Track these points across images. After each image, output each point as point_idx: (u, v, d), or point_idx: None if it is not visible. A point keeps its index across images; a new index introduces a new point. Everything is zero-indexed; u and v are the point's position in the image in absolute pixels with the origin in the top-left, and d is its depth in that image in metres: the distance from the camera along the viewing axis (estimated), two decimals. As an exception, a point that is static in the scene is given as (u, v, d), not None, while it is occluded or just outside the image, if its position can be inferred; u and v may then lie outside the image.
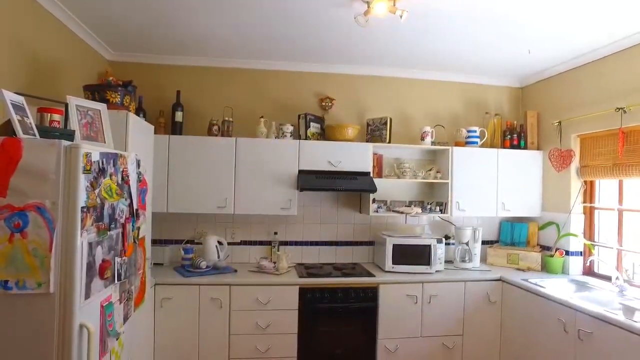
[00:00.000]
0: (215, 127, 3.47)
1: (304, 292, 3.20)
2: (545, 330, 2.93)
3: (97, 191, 1.65)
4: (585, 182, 3.53)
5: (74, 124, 1.83)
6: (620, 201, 3.26)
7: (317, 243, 3.82)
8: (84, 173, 1.56)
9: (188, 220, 3.66)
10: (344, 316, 3.24)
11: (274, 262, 3.42)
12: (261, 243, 3.76)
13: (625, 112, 3.00)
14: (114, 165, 1.81)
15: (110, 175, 1.78)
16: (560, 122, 3.60)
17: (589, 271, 3.50)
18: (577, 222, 3.53)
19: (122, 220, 1.94)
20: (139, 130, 2.61)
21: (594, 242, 3.48)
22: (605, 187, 3.44)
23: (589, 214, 3.53)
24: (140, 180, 2.27)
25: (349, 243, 3.87)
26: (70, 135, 1.77)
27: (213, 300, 3.10)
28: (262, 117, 3.58)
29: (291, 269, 3.51)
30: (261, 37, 3.17)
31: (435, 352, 3.35)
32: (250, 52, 3.53)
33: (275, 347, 3.16)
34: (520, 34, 2.99)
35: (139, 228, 2.24)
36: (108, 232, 1.77)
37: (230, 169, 3.39)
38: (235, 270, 3.38)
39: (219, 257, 3.45)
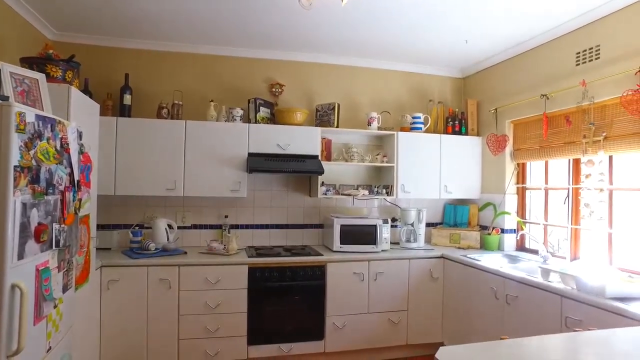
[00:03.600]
0: (165, 110, 3.48)
1: (253, 271, 3.26)
2: (480, 299, 3.14)
3: (32, 152, 1.66)
4: (517, 164, 3.80)
5: (8, 90, 1.82)
6: (546, 180, 3.54)
7: (267, 226, 3.90)
8: (17, 132, 1.57)
9: (137, 204, 3.64)
10: (293, 294, 3.33)
11: (224, 245, 3.47)
12: (212, 227, 3.79)
13: (548, 98, 3.27)
14: (52, 130, 1.82)
15: (48, 140, 1.78)
16: (496, 110, 3.86)
17: (521, 246, 3.77)
18: (511, 202, 3.79)
19: (61, 188, 1.94)
20: (83, 107, 2.60)
21: (525, 219, 3.76)
22: (535, 168, 3.72)
23: (521, 193, 3.81)
24: (83, 152, 2.27)
25: (299, 226, 3.97)
26: (3, 100, 1.76)
27: (162, 281, 3.11)
28: (212, 101, 3.63)
29: (241, 250, 3.57)
30: (208, 22, 3.22)
31: (381, 327, 3.50)
32: (200, 37, 3.56)
33: (225, 327, 3.21)
34: (458, 24, 3.19)
35: (80, 200, 2.24)
36: (45, 196, 1.77)
37: (180, 151, 3.41)
38: (185, 252, 3.40)
39: (168, 239, 3.45)
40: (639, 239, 2.71)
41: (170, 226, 3.51)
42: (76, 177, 2.15)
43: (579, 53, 3.06)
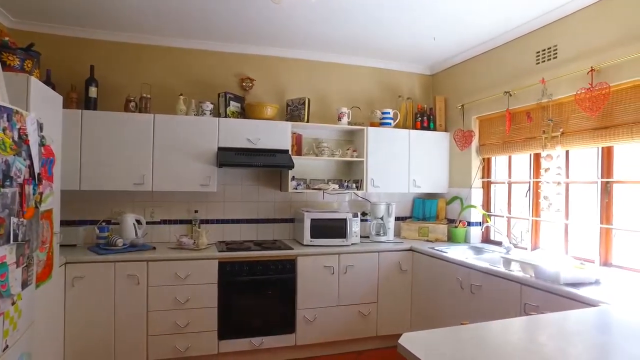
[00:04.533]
0: (133, 104, 3.41)
1: (223, 266, 3.25)
2: (446, 289, 3.24)
3: (-14, 143, 1.61)
4: (483, 159, 3.92)
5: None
6: (510, 175, 3.67)
7: (238, 221, 3.89)
8: (-30, 122, 1.52)
9: (104, 200, 3.57)
10: (264, 288, 3.34)
11: (194, 240, 3.44)
12: (182, 222, 3.75)
13: (511, 95, 3.39)
14: (8, 120, 1.77)
15: (4, 130, 1.73)
16: (463, 106, 3.97)
17: (486, 238, 3.90)
18: (476, 196, 3.91)
19: (20, 181, 1.89)
20: (45, 98, 2.53)
21: (490, 212, 3.88)
22: (500, 162, 3.85)
23: (486, 187, 3.93)
24: (44, 144, 2.21)
25: (270, 220, 3.98)
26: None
27: (130, 277, 3.06)
28: (181, 94, 3.58)
29: (211, 245, 3.55)
30: (177, 14, 3.18)
31: (352, 320, 3.56)
32: (169, 30, 3.51)
33: (195, 322, 3.19)
34: (426, 22, 3.25)
35: (41, 194, 2.18)
36: (1, 189, 1.72)
37: (148, 145, 3.36)
38: (154, 248, 3.36)
39: (137, 235, 3.40)
40: (590, 230, 2.86)
41: (138, 222, 3.45)
42: (36, 170, 2.09)
43: (538, 52, 3.19)
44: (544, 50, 3.13)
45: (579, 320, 1.71)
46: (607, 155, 2.82)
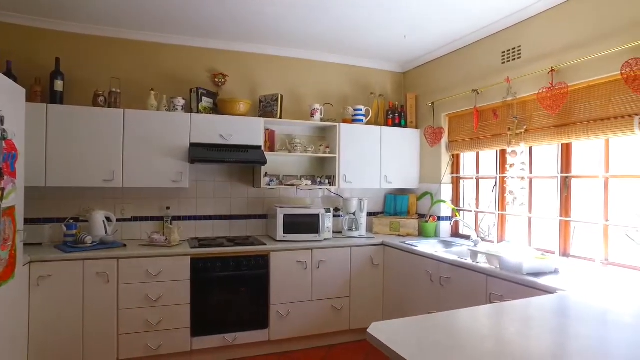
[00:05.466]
0: (102, 99, 3.34)
1: (196, 262, 3.24)
2: (417, 282, 3.32)
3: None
4: (452, 155, 4.03)
5: None
6: (477, 170, 3.80)
7: (211, 217, 3.87)
8: None
9: (72, 196, 3.48)
10: (237, 284, 3.35)
11: (166, 236, 3.41)
12: (153, 219, 3.70)
13: (478, 93, 3.50)
14: (-32, 115, 1.72)
15: (-36, 124, 1.68)
16: (433, 103, 4.07)
17: (455, 232, 4.01)
18: (446, 191, 4.02)
19: (-19, 177, 1.83)
20: (5, 91, 2.44)
21: (459, 207, 4.00)
22: (468, 159, 3.97)
23: (456, 183, 4.05)
24: (5, 138, 2.15)
25: (243, 217, 3.97)
26: None
27: (99, 275, 3.01)
28: (152, 89, 3.53)
29: (184, 242, 3.52)
30: (147, 8, 3.12)
31: (325, 314, 3.60)
32: (139, 23, 3.45)
33: (168, 319, 3.16)
34: (397, 20, 3.32)
35: (3, 190, 2.12)
36: (-38, 185, 1.67)
37: (118, 141, 3.30)
38: (125, 245, 3.31)
39: (106, 232, 3.33)
40: (551, 222, 2.99)
41: (108, 219, 3.39)
42: (-1, 165, 2.03)
43: (504, 52, 3.30)
44: (509, 50, 3.25)
45: (537, 306, 1.80)
46: (566, 152, 2.96)
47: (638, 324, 1.61)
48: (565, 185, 2.95)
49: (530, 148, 3.20)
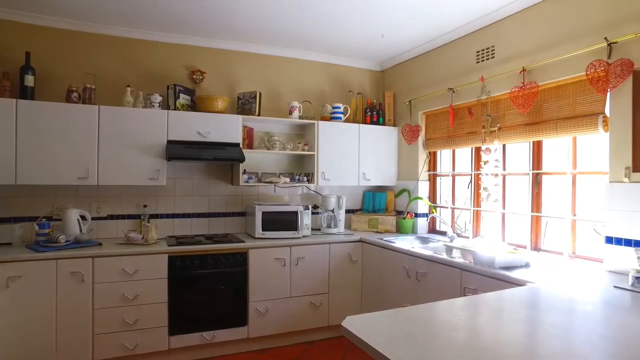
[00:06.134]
0: (75, 94, 3.27)
1: (173, 260, 3.21)
2: (394, 277, 3.37)
3: None
4: (429, 153, 4.10)
5: None
6: (454, 168, 3.87)
7: (189, 215, 3.84)
8: None
9: (45, 195, 3.40)
10: (215, 282, 3.33)
11: (143, 234, 3.37)
12: (130, 217, 3.65)
13: (454, 92, 3.57)
14: None
15: None
16: (410, 102, 4.13)
17: (432, 229, 4.09)
18: (423, 188, 4.09)
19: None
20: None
21: (436, 204, 4.08)
22: (444, 156, 4.05)
23: (432, 180, 4.12)
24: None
25: (221, 214, 3.96)
26: None
27: (73, 274, 2.95)
28: (128, 86, 3.47)
29: (161, 240, 3.49)
30: (123, 1, 3.07)
31: (304, 311, 3.62)
32: (115, 19, 3.39)
33: (145, 318, 3.13)
34: (375, 18, 3.35)
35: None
36: None
37: (93, 138, 3.24)
38: (100, 244, 3.26)
39: (81, 231, 3.27)
40: (523, 218, 3.09)
41: (83, 217, 3.33)
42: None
43: (478, 52, 3.38)
44: (483, 50, 3.33)
45: (508, 298, 1.86)
46: (537, 149, 3.05)
47: (598, 311, 1.69)
48: (536, 182, 3.04)
49: (504, 145, 3.28)
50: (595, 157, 2.67)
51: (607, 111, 2.46)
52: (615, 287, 2.03)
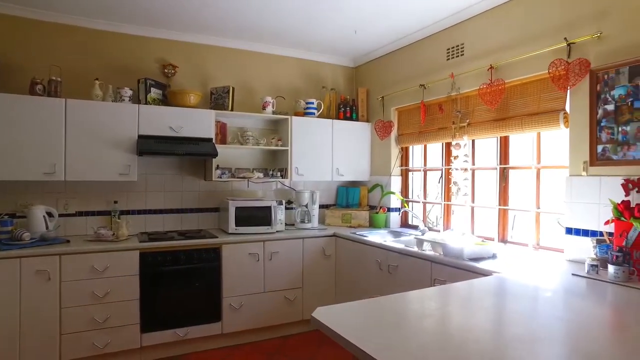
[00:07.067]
0: (40, 87, 3.17)
1: (145, 256, 3.17)
2: (367, 271, 3.42)
3: None
4: (401, 148, 4.17)
5: None
6: (425, 163, 3.96)
7: (161, 211, 3.78)
8: None
9: (8, 191, 3.28)
10: (188, 278, 3.31)
11: (114, 231, 3.30)
12: (100, 213, 3.57)
13: (425, 88, 3.64)
14: None
15: None
16: (383, 98, 4.18)
17: (405, 223, 4.17)
18: (395, 183, 4.16)
19: None
20: None
21: (408, 198, 4.16)
22: (416, 151, 4.13)
23: (405, 175, 4.20)
24: None
25: (194, 210, 3.92)
26: None
27: (39, 273, 2.86)
28: (97, 79, 3.39)
29: (132, 236, 3.43)
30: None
31: (278, 305, 3.64)
32: (83, 9, 3.30)
33: (116, 316, 3.07)
34: (348, 15, 3.38)
35: None
36: None
37: (60, 132, 3.15)
38: (68, 241, 3.17)
39: (47, 228, 3.18)
40: (491, 211, 3.19)
41: (49, 214, 3.24)
42: None
43: (449, 49, 3.45)
44: (453, 47, 3.41)
45: (475, 287, 1.93)
46: (504, 144, 3.16)
47: (556, 297, 1.78)
48: (504, 176, 3.14)
49: (473, 141, 3.38)
50: (558, 152, 2.78)
51: (567, 108, 2.57)
52: (573, 274, 2.13)
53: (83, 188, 3.52)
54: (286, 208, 4.05)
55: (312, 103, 4.11)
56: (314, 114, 4.11)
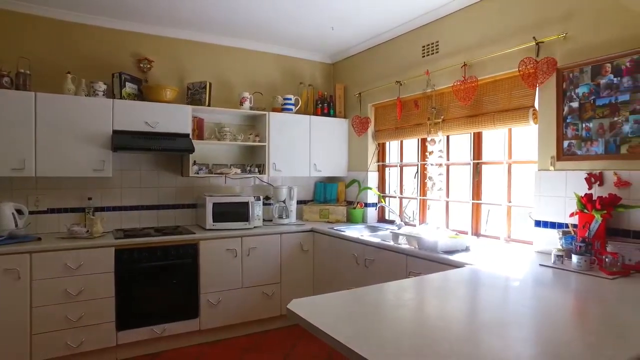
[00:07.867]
0: (7, 79, 3.07)
1: (120, 253, 3.12)
2: (344, 265, 3.46)
3: None
4: (378, 144, 4.23)
5: None
6: (401, 158, 4.02)
7: (137, 207, 3.73)
8: None
9: (-25, 187, 3.19)
10: (165, 274, 3.28)
11: (88, 228, 3.24)
12: (73, 210, 3.50)
13: (401, 85, 3.70)
14: None
15: None
16: (360, 94, 4.23)
17: (381, 218, 4.23)
18: (372, 179, 4.22)
19: None
20: None
21: (385, 194, 4.22)
22: (393, 147, 4.19)
23: (381, 170, 4.26)
24: None
25: (171, 206, 3.88)
26: None
27: (7, 271, 2.78)
28: (69, 72, 3.30)
29: (107, 233, 3.38)
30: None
31: (256, 301, 3.64)
32: (54, 0, 3.21)
33: (90, 314, 3.02)
34: (325, 11, 3.39)
35: None
36: None
37: (29, 127, 3.06)
38: (39, 238, 3.10)
39: (16, 226, 3.10)
40: (465, 205, 3.28)
41: (19, 211, 3.15)
42: None
43: (424, 46, 3.52)
44: (428, 45, 3.47)
45: (448, 278, 1.99)
46: (477, 140, 3.24)
47: (524, 286, 1.86)
48: (477, 171, 3.23)
49: (448, 137, 3.45)
50: (528, 147, 2.88)
51: (536, 105, 2.66)
52: (540, 265, 2.22)
53: (55, 184, 3.44)
54: (264, 204, 4.06)
55: (290, 99, 4.12)
56: (291, 109, 4.12)
